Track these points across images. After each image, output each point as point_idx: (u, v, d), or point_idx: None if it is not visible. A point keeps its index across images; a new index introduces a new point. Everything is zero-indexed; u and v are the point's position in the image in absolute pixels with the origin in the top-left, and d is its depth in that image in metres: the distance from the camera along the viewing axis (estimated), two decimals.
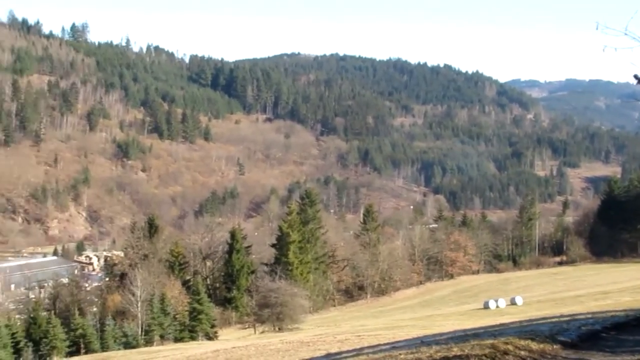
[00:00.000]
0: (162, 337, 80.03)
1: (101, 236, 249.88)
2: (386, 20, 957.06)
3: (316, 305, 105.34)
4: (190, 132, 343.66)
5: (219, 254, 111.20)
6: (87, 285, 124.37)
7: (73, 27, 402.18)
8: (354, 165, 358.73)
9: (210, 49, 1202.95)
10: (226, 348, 52.27)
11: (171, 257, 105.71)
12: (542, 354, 13.84)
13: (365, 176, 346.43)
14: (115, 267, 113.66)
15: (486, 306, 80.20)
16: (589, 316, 27.72)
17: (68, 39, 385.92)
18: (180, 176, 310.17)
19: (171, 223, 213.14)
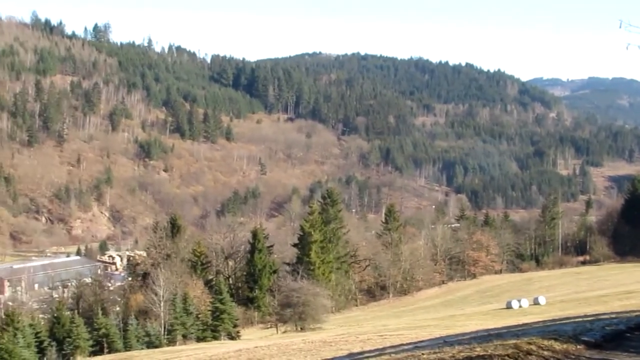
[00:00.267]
0: (185, 337, 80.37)
1: (124, 236, 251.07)
2: (407, 19, 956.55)
3: (338, 304, 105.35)
4: (211, 132, 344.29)
5: (241, 254, 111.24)
6: (110, 284, 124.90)
7: (95, 28, 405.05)
8: (376, 164, 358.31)
9: (231, 49, 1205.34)
10: (248, 348, 52.42)
11: (193, 257, 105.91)
12: (566, 354, 13.84)
13: (386, 176, 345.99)
14: (137, 267, 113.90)
15: (509, 306, 79.76)
16: (613, 316, 27.62)
17: (90, 39, 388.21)
18: (202, 176, 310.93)
19: (193, 223, 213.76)
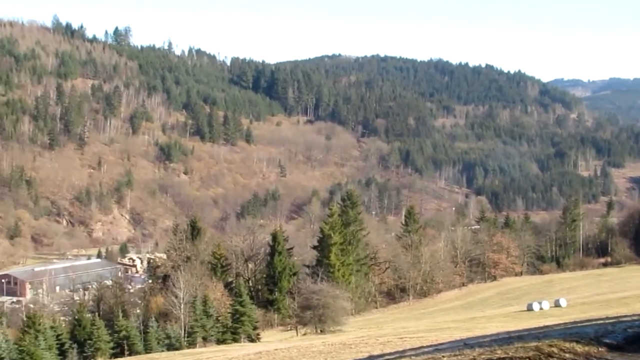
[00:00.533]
0: (205, 339, 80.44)
1: (144, 238, 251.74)
2: (427, 21, 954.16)
3: (358, 307, 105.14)
4: (231, 134, 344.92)
5: (261, 256, 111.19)
6: (131, 287, 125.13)
7: (116, 31, 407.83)
8: (395, 166, 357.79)
9: (251, 52, 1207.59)
10: (268, 350, 52.44)
11: (213, 259, 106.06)
12: (587, 357, 13.73)
13: (406, 177, 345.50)
14: (158, 269, 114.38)
15: (530, 308, 79.33)
16: (635, 318, 27.41)
17: (111, 43, 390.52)
18: (221, 178, 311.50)
19: (213, 225, 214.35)
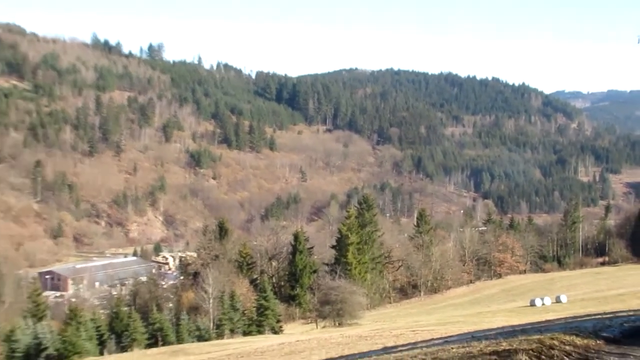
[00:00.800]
0: (232, 331, 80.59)
1: (176, 238, 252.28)
2: (437, 37, 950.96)
3: (373, 302, 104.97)
4: (256, 142, 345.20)
5: (284, 255, 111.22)
6: (164, 283, 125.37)
7: (150, 47, 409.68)
8: (408, 172, 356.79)
9: (274, 66, 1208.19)
10: (290, 341, 52.46)
11: (240, 258, 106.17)
12: (586, 349, 13.72)
13: (418, 182, 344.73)
14: (189, 267, 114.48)
15: (532, 304, 78.87)
16: (631, 313, 27.32)
17: (145, 58, 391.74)
18: (247, 183, 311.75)
19: (239, 226, 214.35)
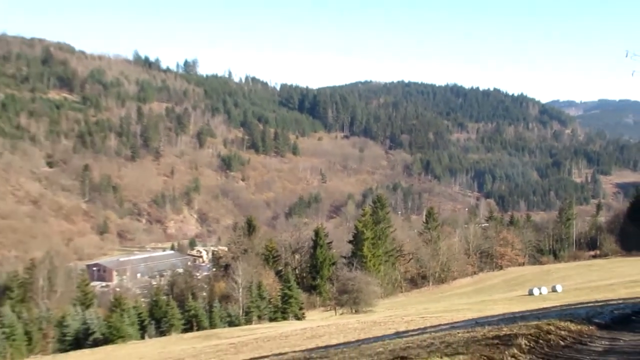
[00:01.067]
0: (260, 317, 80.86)
1: (209, 234, 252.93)
2: (443, 52, 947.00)
3: (386, 291, 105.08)
4: (281, 148, 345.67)
5: (306, 249, 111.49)
6: (198, 274, 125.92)
7: (185, 63, 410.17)
8: (418, 174, 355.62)
9: (297, 78, 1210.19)
10: (312, 327, 52.59)
11: (266, 251, 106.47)
12: (580, 334, 13.68)
13: (427, 183, 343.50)
14: (220, 260, 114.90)
15: (531, 293, 78.44)
16: (620, 302, 27.12)
17: (181, 72, 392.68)
18: (273, 184, 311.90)
19: (266, 223, 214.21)
